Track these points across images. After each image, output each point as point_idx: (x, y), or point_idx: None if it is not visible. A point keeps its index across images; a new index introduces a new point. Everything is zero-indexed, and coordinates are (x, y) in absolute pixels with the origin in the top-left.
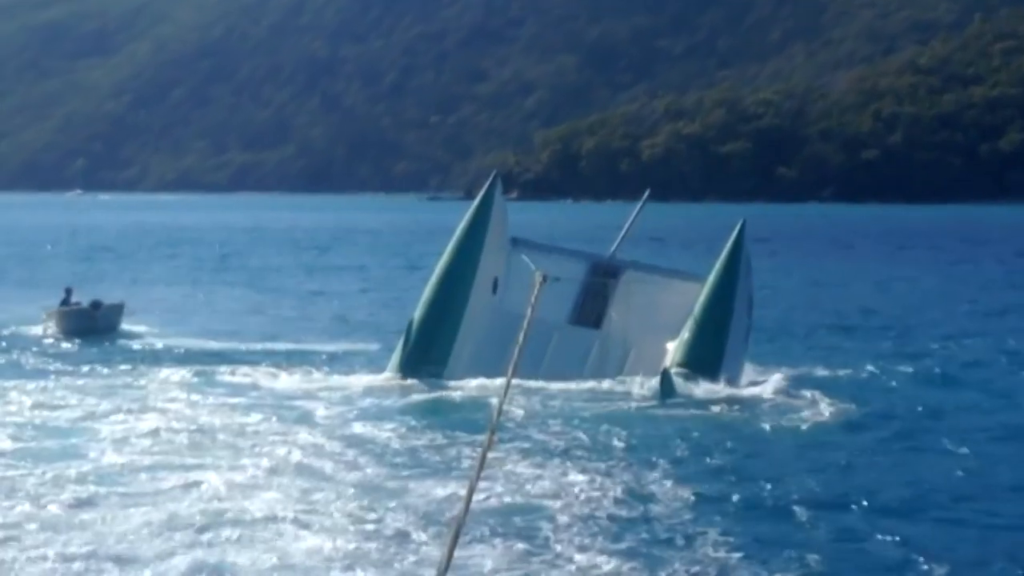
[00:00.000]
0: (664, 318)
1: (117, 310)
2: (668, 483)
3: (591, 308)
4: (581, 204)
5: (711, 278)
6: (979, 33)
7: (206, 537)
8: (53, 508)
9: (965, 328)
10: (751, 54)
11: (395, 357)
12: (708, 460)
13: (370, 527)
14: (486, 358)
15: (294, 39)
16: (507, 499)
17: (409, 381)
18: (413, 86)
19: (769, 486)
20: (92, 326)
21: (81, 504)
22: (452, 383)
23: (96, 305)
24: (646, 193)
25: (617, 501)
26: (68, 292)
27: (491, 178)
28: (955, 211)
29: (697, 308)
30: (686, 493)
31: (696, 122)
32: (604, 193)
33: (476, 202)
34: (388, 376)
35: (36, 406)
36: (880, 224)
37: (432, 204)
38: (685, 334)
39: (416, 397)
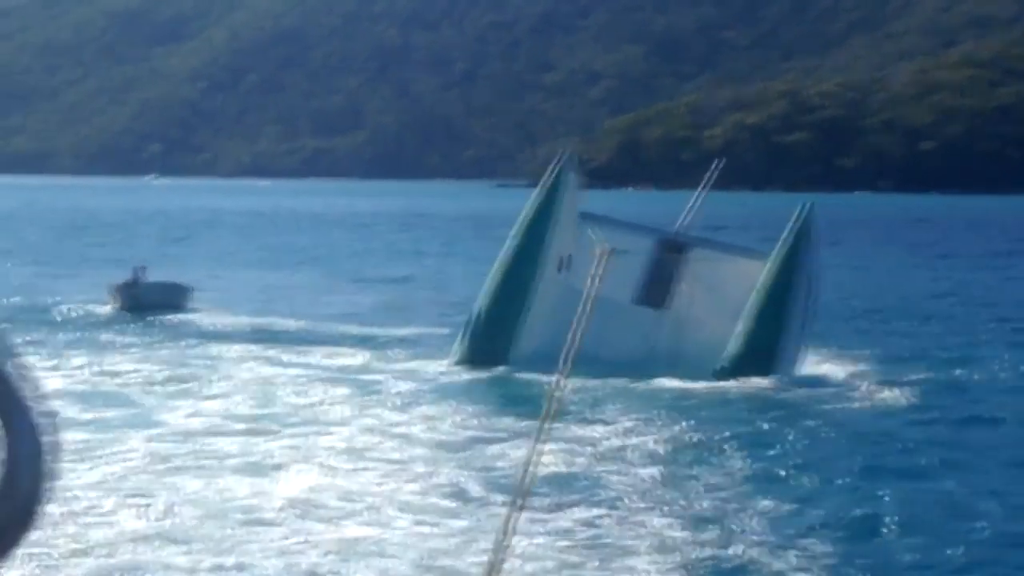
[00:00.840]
0: (729, 297)
1: (182, 291)
2: (714, 464)
3: (657, 287)
4: (643, 192)
5: (772, 263)
6: None
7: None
8: (138, 474)
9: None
10: (814, 46)
11: (459, 344)
12: (760, 446)
13: (435, 495)
14: (553, 339)
15: (366, 26)
16: (564, 474)
17: (472, 368)
18: (482, 74)
19: (818, 475)
20: (157, 302)
21: (162, 472)
22: (513, 369)
23: (168, 285)
24: (717, 162)
25: (666, 481)
26: (137, 271)
27: (562, 156)
28: (1013, 201)
29: (755, 296)
30: (731, 474)
31: (759, 112)
32: (666, 182)
33: (547, 179)
34: (452, 363)
35: (106, 374)
36: (941, 214)
37: (500, 191)
38: (744, 324)
39: (475, 384)
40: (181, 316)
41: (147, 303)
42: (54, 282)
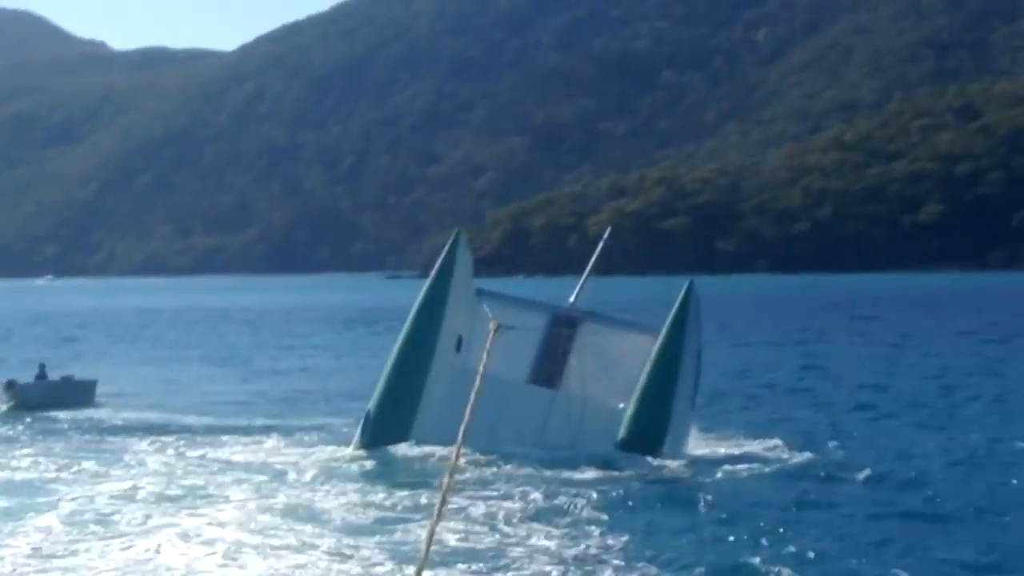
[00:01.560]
0: (621, 373)
1: (89, 386)
2: (609, 546)
3: (550, 363)
4: (534, 279)
5: (659, 340)
6: (899, 111)
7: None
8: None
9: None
10: (688, 134)
11: (359, 431)
12: (655, 524)
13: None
14: (450, 422)
15: (254, 126)
16: (462, 548)
17: (370, 453)
18: (369, 169)
19: (714, 550)
20: (59, 400)
21: (53, 554)
22: (412, 449)
23: (67, 381)
24: (607, 231)
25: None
26: (42, 368)
27: (456, 235)
28: (880, 279)
29: (644, 375)
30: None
31: (638, 199)
32: (554, 268)
33: (441, 260)
34: (351, 450)
35: (6, 468)
36: (812, 292)
37: (390, 282)
38: (634, 404)
39: (374, 466)
40: (84, 411)
41: (48, 400)
42: None
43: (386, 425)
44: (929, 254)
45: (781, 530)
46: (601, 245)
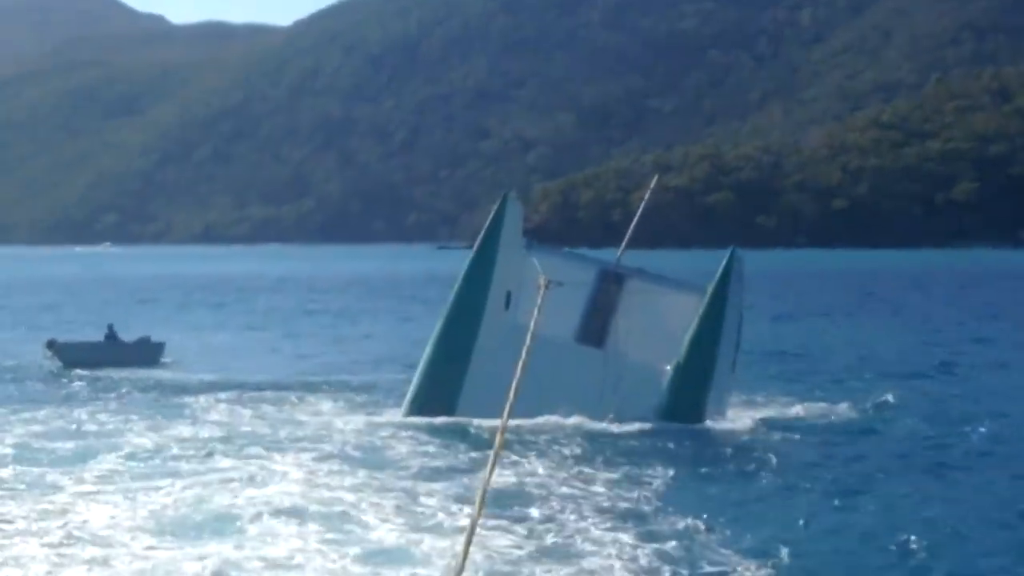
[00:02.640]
0: (666, 332)
1: (156, 347)
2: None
3: (596, 323)
4: (579, 252)
5: (701, 308)
6: (935, 93)
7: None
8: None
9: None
10: (733, 112)
11: (410, 393)
12: (694, 491)
13: (383, 532)
14: (500, 381)
15: (310, 100)
16: (505, 534)
17: (419, 419)
18: (422, 143)
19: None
20: (108, 359)
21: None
22: (461, 415)
23: (144, 341)
24: (654, 178)
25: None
26: (110, 328)
27: (505, 193)
28: (915, 255)
29: (685, 342)
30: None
31: (683, 175)
32: (599, 241)
33: (491, 215)
34: (404, 412)
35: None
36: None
37: (442, 253)
38: (673, 373)
39: (425, 425)
40: (155, 371)
41: (93, 359)
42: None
43: (437, 386)
44: (962, 231)
45: (832, 491)
46: (648, 193)
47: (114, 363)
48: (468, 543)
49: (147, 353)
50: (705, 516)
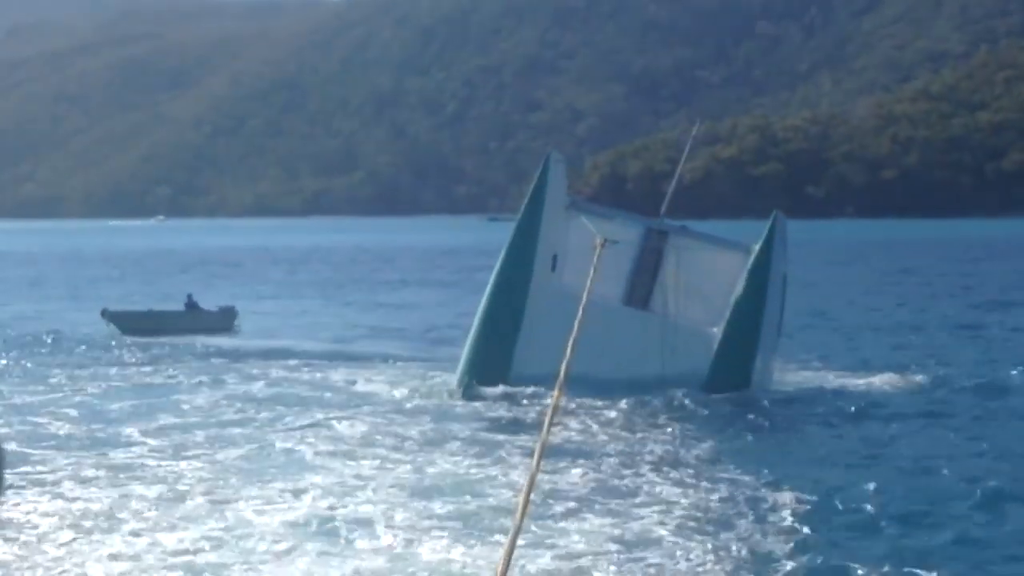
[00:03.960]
0: (712, 292)
1: (233, 314)
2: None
3: (643, 284)
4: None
5: (745, 272)
6: (984, 63)
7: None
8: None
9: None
10: (783, 83)
11: (463, 360)
12: (742, 453)
13: (439, 507)
14: (552, 347)
15: (361, 73)
16: (559, 494)
17: (476, 383)
18: (472, 115)
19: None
20: (161, 327)
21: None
22: (514, 383)
23: (227, 310)
24: (696, 126)
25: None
26: (189, 297)
27: (548, 154)
28: (965, 225)
29: (730, 308)
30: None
31: (732, 146)
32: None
33: (535, 178)
34: (458, 380)
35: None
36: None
37: (492, 224)
38: (719, 339)
39: (477, 393)
40: (234, 338)
41: (147, 327)
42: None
43: (489, 354)
44: (1012, 201)
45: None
46: (690, 142)
47: (195, 330)
48: (527, 498)
49: (224, 320)
50: (750, 478)
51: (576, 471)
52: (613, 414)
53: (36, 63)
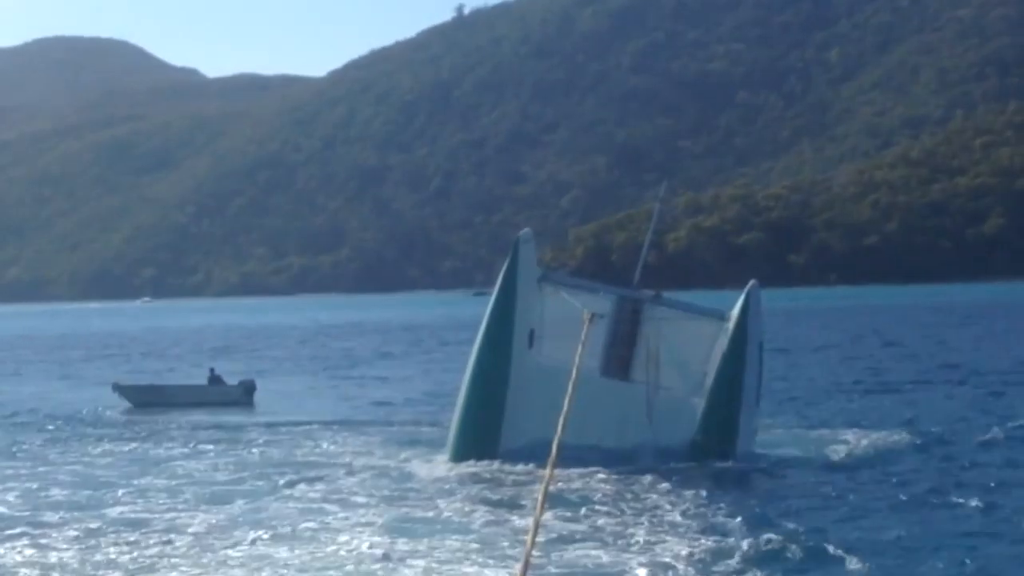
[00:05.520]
0: (689, 360)
1: (250, 387)
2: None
3: (619, 354)
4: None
5: (723, 342)
6: (961, 129)
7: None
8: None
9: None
10: (764, 151)
11: (451, 440)
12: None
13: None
14: (536, 421)
15: (344, 149)
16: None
17: (463, 464)
18: (457, 190)
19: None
20: (169, 400)
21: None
22: (503, 460)
23: (249, 385)
24: (663, 185)
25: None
26: (212, 371)
27: (517, 236)
28: (945, 290)
29: (709, 378)
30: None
31: (714, 216)
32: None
33: (507, 259)
34: (445, 459)
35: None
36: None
37: (478, 299)
38: (700, 411)
39: (467, 479)
40: (253, 410)
41: (155, 400)
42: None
43: (477, 432)
44: (993, 265)
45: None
46: (657, 206)
47: (211, 404)
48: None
49: (243, 393)
50: (738, 547)
51: (565, 548)
52: (598, 486)
53: (18, 146)
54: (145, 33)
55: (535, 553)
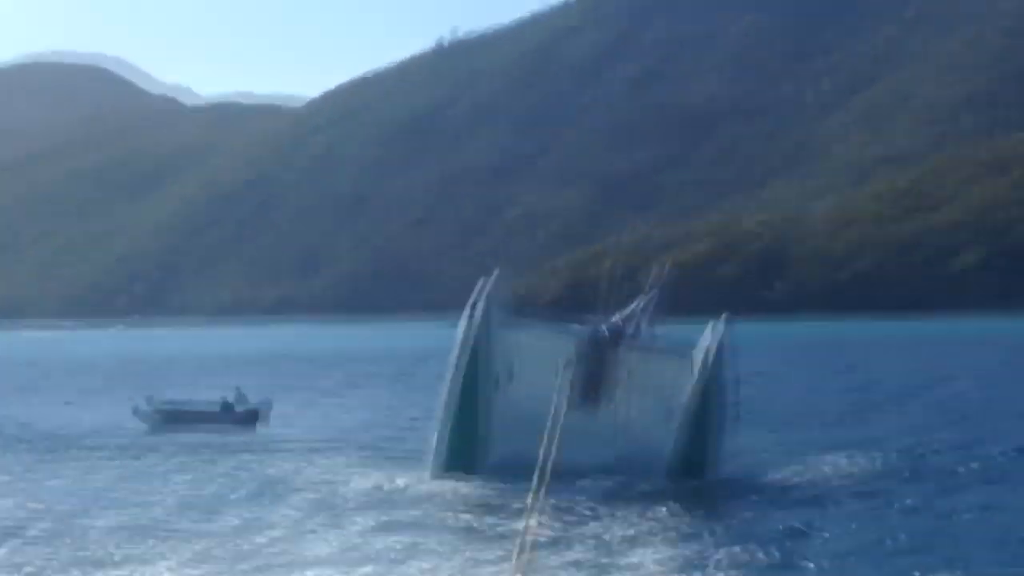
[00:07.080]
0: (658, 392)
1: (266, 406)
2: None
3: (591, 388)
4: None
5: (696, 374)
6: (937, 165)
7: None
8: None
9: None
10: (744, 185)
11: (431, 464)
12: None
13: None
14: (513, 455)
15: (326, 177)
16: None
17: (445, 480)
18: (437, 219)
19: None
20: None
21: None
22: (483, 480)
23: (264, 404)
24: (666, 267)
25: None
26: (237, 390)
27: (486, 280)
28: (919, 325)
29: (684, 406)
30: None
31: (692, 249)
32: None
33: (479, 294)
34: (427, 476)
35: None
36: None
37: (455, 328)
38: (674, 436)
39: (449, 494)
40: (271, 428)
41: (240, 419)
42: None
43: (453, 459)
44: (968, 299)
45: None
46: (659, 276)
47: (230, 422)
48: None
49: (261, 413)
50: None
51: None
52: (577, 510)
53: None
54: (136, 51)
55: None
